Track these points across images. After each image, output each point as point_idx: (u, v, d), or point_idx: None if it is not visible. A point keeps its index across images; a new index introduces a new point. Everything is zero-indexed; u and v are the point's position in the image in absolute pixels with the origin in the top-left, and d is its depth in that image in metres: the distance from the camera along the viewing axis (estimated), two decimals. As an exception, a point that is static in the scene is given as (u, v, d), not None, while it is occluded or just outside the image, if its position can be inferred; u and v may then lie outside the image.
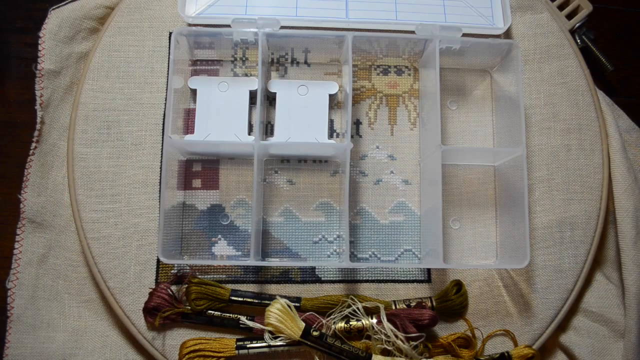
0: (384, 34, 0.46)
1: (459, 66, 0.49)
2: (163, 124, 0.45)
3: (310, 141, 0.45)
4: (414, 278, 0.45)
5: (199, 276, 0.43)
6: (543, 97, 0.48)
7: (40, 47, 0.46)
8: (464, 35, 0.46)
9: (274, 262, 0.44)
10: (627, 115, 0.51)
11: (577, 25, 0.51)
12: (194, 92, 0.46)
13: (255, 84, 0.46)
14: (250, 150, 0.43)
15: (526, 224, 0.41)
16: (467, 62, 0.48)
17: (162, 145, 0.45)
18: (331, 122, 0.47)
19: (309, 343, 0.40)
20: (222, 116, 0.45)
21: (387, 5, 0.48)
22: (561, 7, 0.51)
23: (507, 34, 0.48)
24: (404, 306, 0.43)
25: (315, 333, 0.40)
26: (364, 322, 0.41)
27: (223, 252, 0.45)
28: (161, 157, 0.45)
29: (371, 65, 0.49)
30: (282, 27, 0.45)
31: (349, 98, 0.43)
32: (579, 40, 0.52)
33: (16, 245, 0.44)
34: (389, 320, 0.41)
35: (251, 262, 0.40)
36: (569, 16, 0.51)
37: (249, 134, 0.46)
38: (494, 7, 0.48)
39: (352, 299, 0.42)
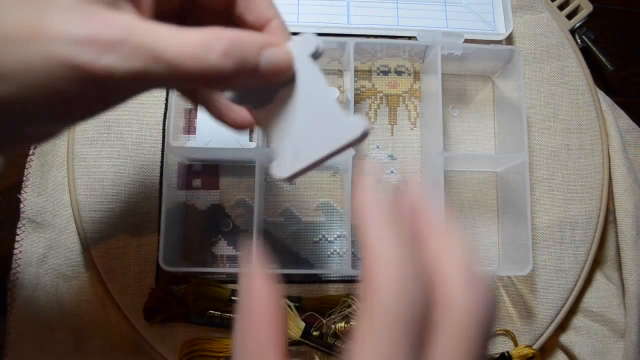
0: (385, 40, 0.46)
1: (461, 72, 0.49)
2: (163, 125, 0.45)
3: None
4: (414, 278, 0.45)
5: (199, 276, 0.43)
6: (543, 97, 0.48)
7: (40, 47, 0.46)
8: (466, 41, 0.46)
9: (275, 270, 0.44)
10: (627, 115, 0.51)
11: (577, 25, 0.51)
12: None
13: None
14: (252, 157, 0.43)
15: (528, 230, 0.41)
16: (469, 67, 0.48)
17: (162, 146, 0.45)
18: (331, 122, 0.47)
19: (309, 343, 0.40)
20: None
21: (389, 11, 0.48)
22: (561, 7, 0.51)
23: (508, 37, 0.49)
24: (404, 306, 0.43)
25: (315, 333, 0.40)
26: (364, 322, 0.41)
27: (223, 252, 0.45)
28: (161, 157, 0.45)
29: (371, 65, 0.49)
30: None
31: (350, 104, 0.43)
32: (579, 40, 0.52)
33: (16, 245, 0.44)
34: (389, 320, 0.41)
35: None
36: (569, 16, 0.51)
37: (250, 140, 0.45)
38: (495, 12, 0.48)
39: (352, 299, 0.42)
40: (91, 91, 0.20)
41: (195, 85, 0.22)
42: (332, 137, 0.24)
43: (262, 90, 0.25)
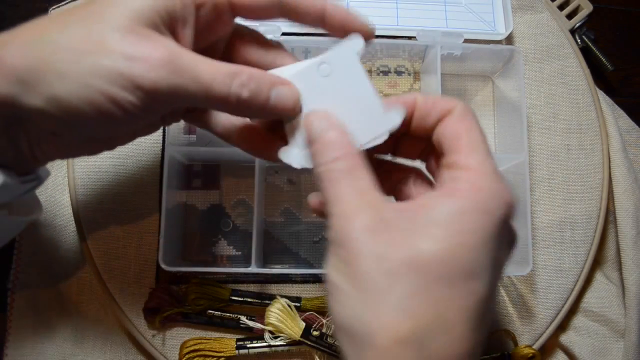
0: (385, 40, 0.46)
1: (461, 72, 0.49)
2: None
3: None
4: (414, 278, 0.45)
5: (199, 276, 0.43)
6: (543, 97, 0.48)
7: (40, 47, 0.46)
8: (466, 41, 0.46)
9: (275, 270, 0.44)
10: (627, 115, 0.51)
11: (577, 25, 0.51)
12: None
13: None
14: (252, 157, 0.42)
15: (528, 230, 0.41)
16: (469, 67, 0.48)
17: (162, 146, 0.45)
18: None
19: (309, 343, 0.40)
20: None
21: (389, 11, 0.48)
22: (561, 7, 0.51)
23: (508, 37, 0.48)
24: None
25: (315, 333, 0.40)
26: (364, 322, 0.41)
27: (223, 252, 0.45)
28: (161, 158, 0.45)
29: (371, 65, 0.49)
30: (284, 34, 0.45)
31: None
32: (579, 40, 0.52)
33: (16, 245, 0.44)
34: (389, 320, 0.41)
35: (252, 269, 0.40)
36: (569, 16, 0.51)
37: None
38: (495, 12, 0.48)
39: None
40: (137, 98, 0.24)
41: (218, 107, 0.27)
42: (368, 130, 0.27)
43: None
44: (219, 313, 0.42)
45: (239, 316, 0.42)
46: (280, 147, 0.28)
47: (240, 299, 0.42)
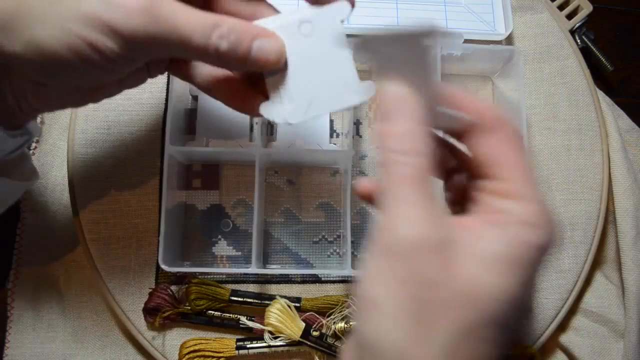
0: (386, 40, 0.46)
1: (461, 72, 0.49)
2: (163, 125, 0.45)
3: (312, 145, 0.45)
4: (414, 278, 0.45)
5: (199, 276, 0.43)
6: (543, 97, 0.48)
7: (40, 47, 0.46)
8: (466, 41, 0.46)
9: (275, 270, 0.44)
10: (627, 115, 0.51)
11: (577, 25, 0.51)
12: (195, 98, 0.46)
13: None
14: (252, 157, 0.42)
15: None
16: (469, 67, 0.48)
17: (162, 146, 0.45)
18: (331, 122, 0.47)
19: (309, 343, 0.40)
20: (223, 120, 0.45)
21: (389, 11, 0.48)
22: (561, 7, 0.51)
23: (508, 37, 0.48)
24: (404, 306, 0.43)
25: (315, 333, 0.40)
26: (364, 322, 0.41)
27: (223, 252, 0.45)
28: (161, 157, 0.45)
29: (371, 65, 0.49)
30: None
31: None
32: (579, 40, 0.52)
33: (16, 245, 0.44)
34: (389, 320, 0.41)
35: (252, 269, 0.40)
36: (569, 16, 0.51)
37: (250, 140, 0.45)
38: (495, 12, 0.48)
39: (352, 299, 0.42)
40: (116, 45, 0.24)
41: (198, 58, 0.27)
42: (344, 96, 0.28)
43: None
44: (219, 313, 0.42)
45: (238, 316, 0.42)
46: (262, 101, 0.28)
47: (240, 299, 0.42)
